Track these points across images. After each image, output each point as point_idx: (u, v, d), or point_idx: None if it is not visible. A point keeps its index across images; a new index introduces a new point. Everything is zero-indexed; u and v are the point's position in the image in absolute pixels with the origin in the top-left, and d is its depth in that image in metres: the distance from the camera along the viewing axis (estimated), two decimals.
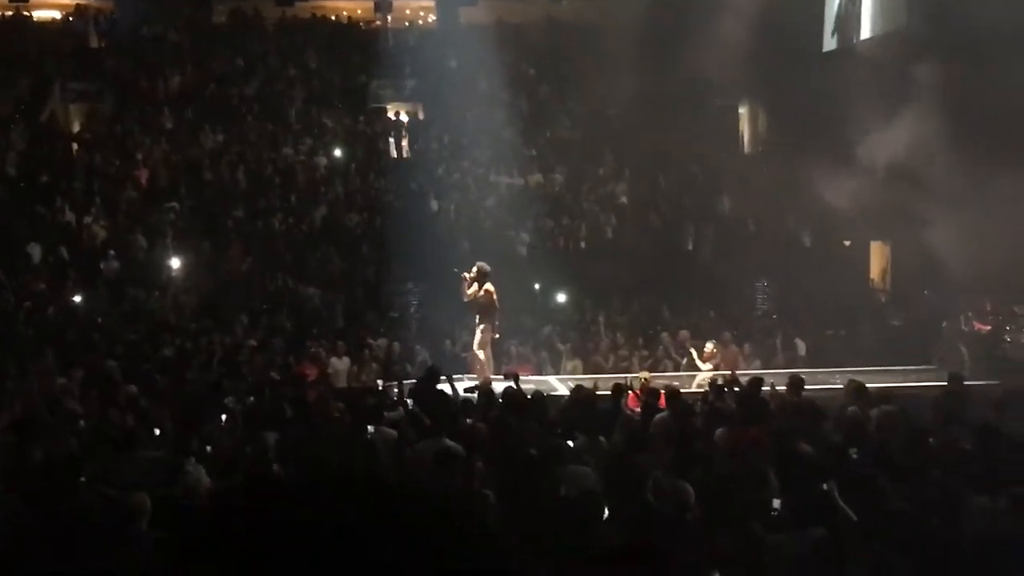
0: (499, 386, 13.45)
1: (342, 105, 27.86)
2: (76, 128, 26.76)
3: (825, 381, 14.46)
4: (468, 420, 11.05)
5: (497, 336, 16.04)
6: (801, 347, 19.02)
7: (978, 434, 9.32)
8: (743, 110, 28.87)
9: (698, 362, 17.30)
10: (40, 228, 21.99)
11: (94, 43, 29.34)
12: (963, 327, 18.65)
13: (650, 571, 4.17)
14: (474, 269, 15.72)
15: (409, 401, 12.85)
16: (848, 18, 23.99)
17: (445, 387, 13.16)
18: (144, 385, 13.73)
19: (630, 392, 12.66)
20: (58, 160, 24.65)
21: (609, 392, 12.31)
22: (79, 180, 23.71)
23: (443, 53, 28.51)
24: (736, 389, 13.11)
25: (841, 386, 12.50)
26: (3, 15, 30.33)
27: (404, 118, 27.80)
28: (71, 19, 30.43)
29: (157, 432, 10.96)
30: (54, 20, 30.91)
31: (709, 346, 17.54)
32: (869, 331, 19.65)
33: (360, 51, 29.70)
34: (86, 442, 10.44)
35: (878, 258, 23.35)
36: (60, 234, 21.96)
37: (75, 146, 25.66)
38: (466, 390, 13.72)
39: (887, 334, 19.49)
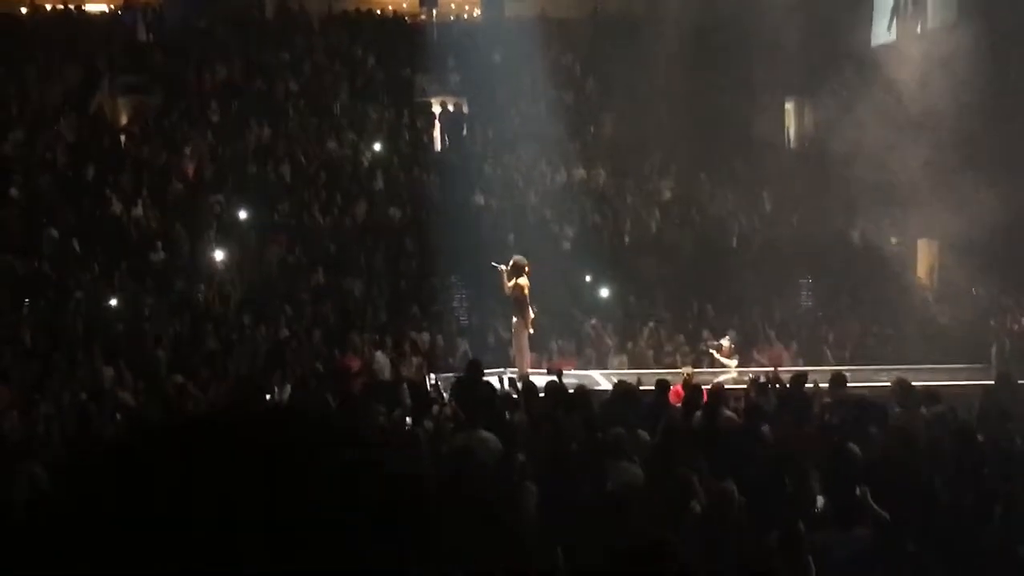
0: (541, 380, 13.43)
1: (387, 99, 27.91)
2: (124, 121, 26.99)
3: (871, 379, 14.32)
4: (508, 414, 11.05)
5: (531, 331, 15.99)
6: (847, 345, 18.89)
7: None
8: (789, 106, 28.64)
9: (721, 359, 17.06)
10: (87, 220, 22.22)
11: (142, 37, 29.57)
12: (1011, 325, 18.44)
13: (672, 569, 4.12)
14: (510, 262, 15.73)
15: (446, 395, 12.87)
16: (905, 13, 23.73)
17: (491, 379, 13.16)
18: (190, 375, 13.85)
19: (673, 387, 12.60)
20: (106, 153, 24.88)
21: (652, 388, 12.25)
22: (127, 173, 23.92)
23: (488, 47, 28.47)
24: (779, 386, 13.03)
25: (887, 384, 12.37)
26: (53, 8, 30.64)
27: (449, 111, 27.82)
28: (120, 13, 30.68)
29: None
30: (103, 14, 31.17)
31: (725, 342, 17.32)
32: (916, 329, 19.45)
33: (405, 45, 29.74)
34: (131, 431, 10.53)
35: (925, 256, 23.11)
36: (108, 226, 22.17)
37: (123, 139, 25.88)
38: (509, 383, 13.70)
39: (934, 332, 19.30)
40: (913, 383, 11.88)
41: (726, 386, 13.29)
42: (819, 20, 22.47)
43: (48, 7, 30.76)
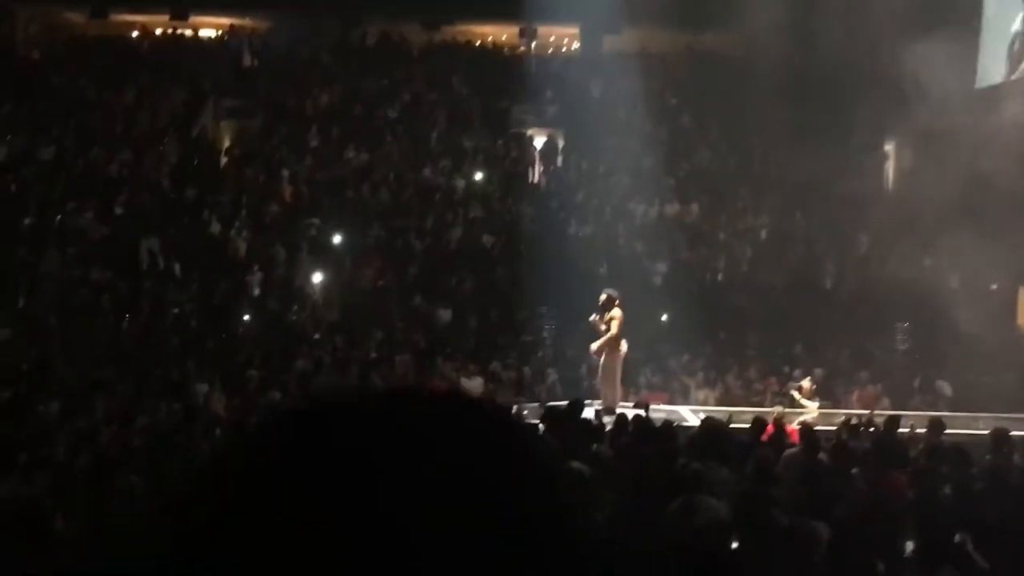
0: (629, 414, 13.39)
1: (483, 129, 28.15)
2: (226, 144, 27.58)
3: (968, 426, 14.01)
4: (595, 446, 11.02)
5: (624, 352, 15.86)
6: (946, 389, 18.54)
7: None
8: (889, 147, 28.28)
9: (801, 399, 16.77)
10: (188, 239, 22.72)
11: (247, 62, 30.23)
12: None
13: None
14: (602, 297, 15.71)
15: (540, 425, 12.87)
16: (1015, 52, 23.35)
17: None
18: (283, 394, 14.07)
19: (769, 426, 12.48)
20: (208, 174, 25.44)
21: (744, 425, 12.17)
22: (226, 194, 24.43)
23: (585, 80, 28.61)
24: (872, 429, 12.84)
25: (984, 431, 12.12)
26: (163, 32, 31.52)
27: (544, 143, 27.98)
28: (226, 38, 31.42)
29: None
30: (210, 39, 31.96)
31: (806, 383, 17.05)
32: (1015, 378, 19.01)
33: (503, 76, 29.98)
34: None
35: None
36: (206, 246, 22.66)
37: (224, 161, 26.46)
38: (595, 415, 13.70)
39: None
40: (1012, 432, 11.62)
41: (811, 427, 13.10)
42: (922, 59, 22.18)
43: (157, 31, 31.64)
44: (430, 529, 0.84)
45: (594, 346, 15.86)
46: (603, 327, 15.61)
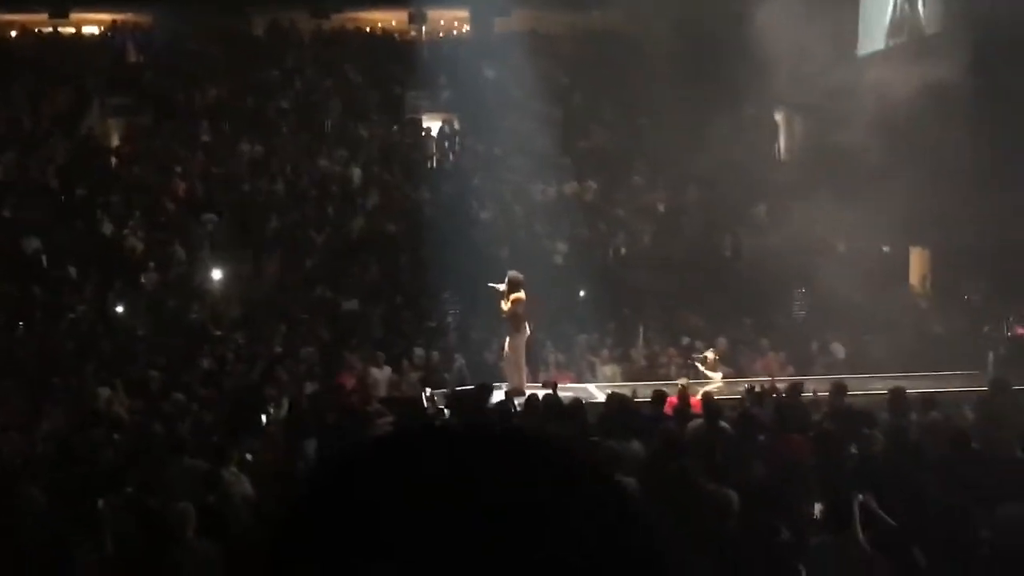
0: (539, 394, 13.43)
1: (378, 116, 27.98)
2: (115, 142, 27.02)
3: (865, 386, 14.32)
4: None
5: (527, 335, 15.86)
6: (839, 351, 18.90)
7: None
8: (778, 117, 28.74)
9: (705, 371, 16.95)
10: (79, 241, 22.23)
11: (132, 58, 29.63)
12: (1005, 332, 18.49)
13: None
14: (506, 278, 15.71)
15: (446, 410, 12.87)
16: (896, 20, 23.86)
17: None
18: (186, 394, 13.85)
19: (669, 399, 12.61)
20: (97, 174, 24.89)
21: (648, 399, 12.28)
22: (118, 193, 23.93)
23: (478, 63, 28.58)
24: (775, 396, 13.05)
25: (881, 391, 12.40)
26: (42, 31, 30.71)
27: (440, 128, 27.90)
28: (110, 35, 30.76)
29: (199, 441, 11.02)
30: (93, 36, 31.26)
31: (709, 354, 17.27)
32: (910, 337, 19.47)
33: (395, 62, 29.84)
34: (128, 452, 10.54)
35: (917, 264, 23.16)
36: (100, 247, 22.18)
37: (114, 160, 25.92)
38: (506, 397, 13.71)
39: (929, 340, 19.32)
40: (908, 390, 11.91)
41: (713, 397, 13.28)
42: (805, 28, 22.54)
43: (37, 30, 30.83)
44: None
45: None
46: (504, 305, 15.60)
